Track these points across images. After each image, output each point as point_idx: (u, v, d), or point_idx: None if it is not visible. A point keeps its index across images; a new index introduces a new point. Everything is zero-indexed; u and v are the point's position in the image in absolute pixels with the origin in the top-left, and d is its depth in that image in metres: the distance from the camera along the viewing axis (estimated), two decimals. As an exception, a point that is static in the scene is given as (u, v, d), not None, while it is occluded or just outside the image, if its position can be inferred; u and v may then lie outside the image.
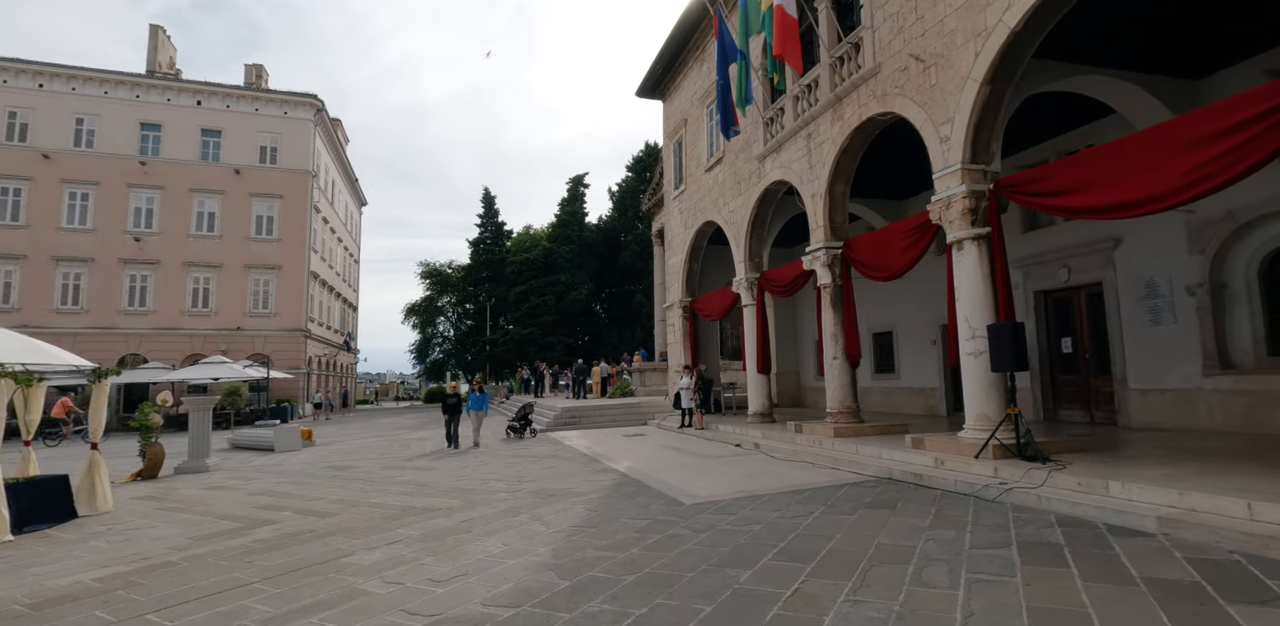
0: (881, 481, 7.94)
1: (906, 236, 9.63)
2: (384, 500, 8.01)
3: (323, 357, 35.55)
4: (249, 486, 9.64)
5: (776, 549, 5.11)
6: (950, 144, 8.47)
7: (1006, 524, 5.56)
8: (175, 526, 6.89)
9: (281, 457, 13.63)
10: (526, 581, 4.52)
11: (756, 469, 9.42)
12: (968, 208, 8.19)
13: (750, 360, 14.40)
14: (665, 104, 20.22)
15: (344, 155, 39.34)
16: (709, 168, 16.39)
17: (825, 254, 11.25)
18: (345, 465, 11.81)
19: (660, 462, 10.58)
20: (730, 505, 6.93)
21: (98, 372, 7.79)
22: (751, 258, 14.47)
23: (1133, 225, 10.61)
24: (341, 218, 39.90)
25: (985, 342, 8.05)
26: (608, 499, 7.59)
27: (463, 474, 10.17)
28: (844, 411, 11.04)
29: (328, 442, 16.63)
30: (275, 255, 29.99)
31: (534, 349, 40.58)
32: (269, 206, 30.14)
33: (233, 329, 28.98)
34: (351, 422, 26.40)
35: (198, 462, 11.52)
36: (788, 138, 12.45)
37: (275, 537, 6.16)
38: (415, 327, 50.89)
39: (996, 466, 7.05)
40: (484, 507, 7.29)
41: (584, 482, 8.85)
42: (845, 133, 10.67)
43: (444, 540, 5.83)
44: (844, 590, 4.10)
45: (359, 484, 9.44)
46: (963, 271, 8.35)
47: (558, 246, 43.89)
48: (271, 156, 30.58)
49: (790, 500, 7.07)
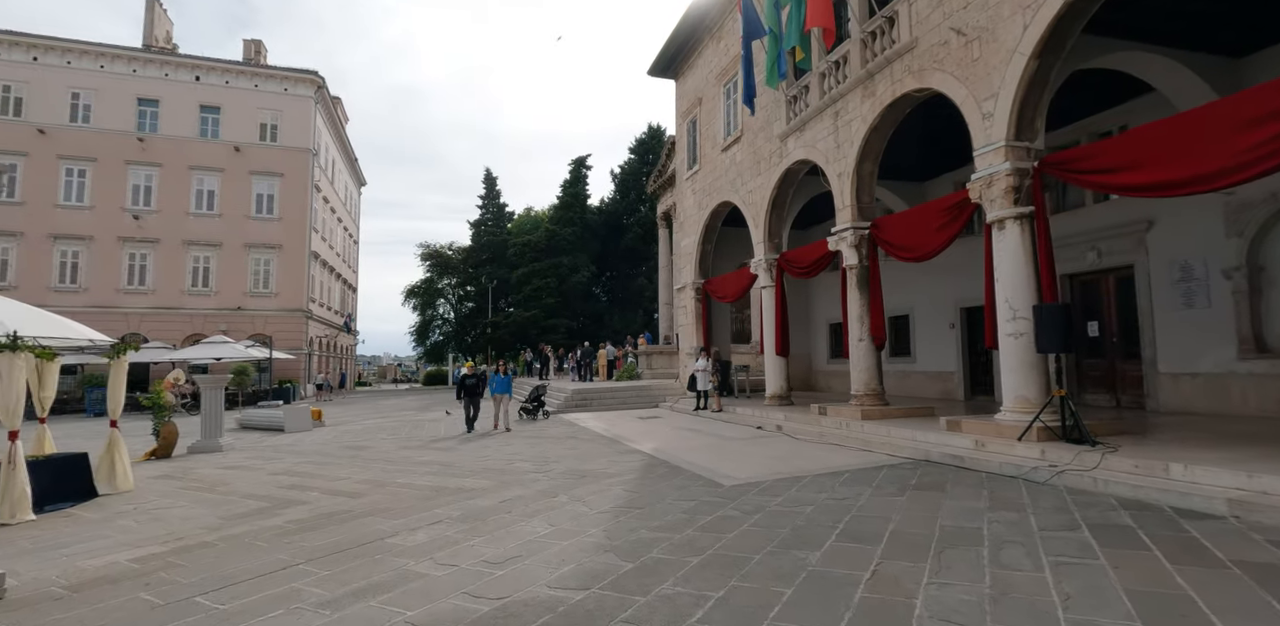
0: (919, 463, 7.82)
1: (941, 216, 9.41)
2: (411, 480, 7.84)
3: (323, 339, 35.26)
4: (268, 466, 9.46)
5: (837, 530, 4.96)
6: (994, 120, 8.23)
7: (1067, 506, 5.43)
8: (202, 506, 6.70)
9: (294, 438, 13.44)
10: (588, 563, 4.36)
11: (786, 451, 9.29)
12: (1011, 186, 7.97)
13: (769, 342, 14.23)
14: (678, 83, 19.81)
15: (344, 134, 38.68)
16: (725, 147, 16.07)
17: (853, 234, 11.02)
18: (361, 446, 11.63)
19: (684, 444, 10.45)
20: (772, 486, 6.79)
21: (116, 348, 7.55)
22: (771, 238, 14.23)
23: (1167, 208, 10.43)
24: (341, 197, 39.34)
25: (1026, 324, 7.90)
26: (643, 480, 7.44)
27: (485, 454, 10.01)
28: (869, 394, 10.91)
29: (337, 423, 16.45)
30: (276, 234, 29.54)
31: (536, 331, 40.38)
32: (269, 185, 29.61)
33: (233, 309, 28.62)
34: (355, 404, 26.22)
35: (211, 442, 11.33)
36: (813, 116, 12.15)
37: (310, 518, 5.98)
38: (415, 309, 50.57)
39: (1043, 449, 6.92)
40: (518, 488, 7.13)
41: (612, 463, 8.70)
42: (876, 110, 10.39)
43: (486, 521, 5.67)
44: (924, 572, 3.95)
45: (380, 464, 9.27)
46: (1004, 251, 8.15)
47: (560, 228, 43.47)
48: (271, 134, 29.97)
49: (832, 482, 6.93)
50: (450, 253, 49.68)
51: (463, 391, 13.83)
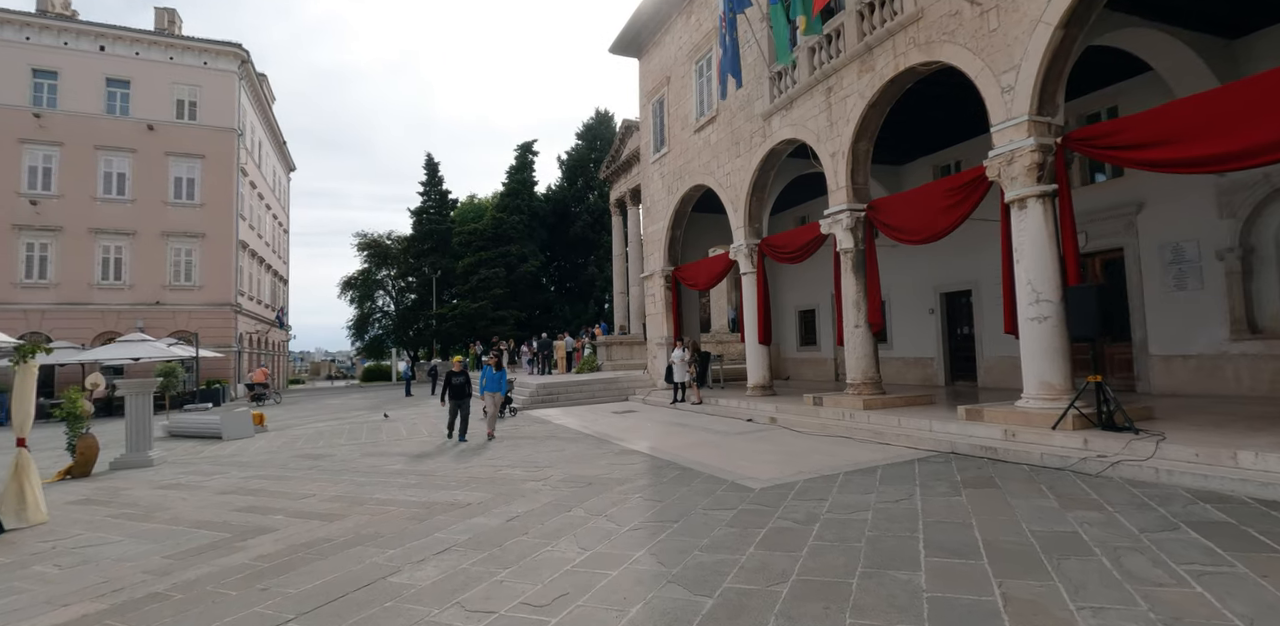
0: (948, 456, 7.39)
1: (949, 195, 9.00)
2: (392, 495, 6.84)
3: (254, 334, 32.78)
4: (212, 483, 8.20)
5: (920, 541, 4.37)
6: (1014, 94, 7.81)
7: (1143, 502, 5.03)
8: (140, 540, 5.53)
9: (235, 447, 12.01)
10: (658, 601, 3.59)
11: (793, 446, 8.74)
12: (1035, 162, 7.58)
13: (750, 331, 13.70)
14: (642, 61, 18.92)
15: (271, 114, 35.88)
16: (699, 128, 15.36)
17: (848, 217, 10.53)
18: (318, 454, 10.41)
19: (679, 441, 9.77)
20: (806, 488, 6.18)
21: (21, 350, 6.19)
22: (751, 223, 13.66)
23: (1158, 190, 10.38)
24: (269, 183, 36.57)
25: (1051, 307, 7.57)
26: (657, 486, 6.70)
27: (465, 461, 9.03)
28: (867, 382, 10.50)
29: (282, 427, 14.96)
30: (198, 222, 27.01)
31: (485, 323, 38.88)
32: (189, 167, 27.00)
33: (151, 303, 26.05)
34: (297, 404, 24.32)
35: (139, 456, 9.87)
36: (801, 93, 11.57)
37: (282, 551, 4.95)
38: (353, 302, 47.96)
39: (1085, 438, 6.56)
40: (521, 501, 6.26)
41: (612, 467, 7.92)
42: (876, 85, 9.88)
43: (503, 546, 4.80)
44: (1060, 593, 3.39)
45: (348, 476, 8.17)
46: (1025, 232, 7.77)
47: (507, 216, 41.90)
48: (190, 112, 27.31)
49: (868, 480, 6.38)
50: (389, 242, 47.26)
51: (447, 392, 11.25)
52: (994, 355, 13.23)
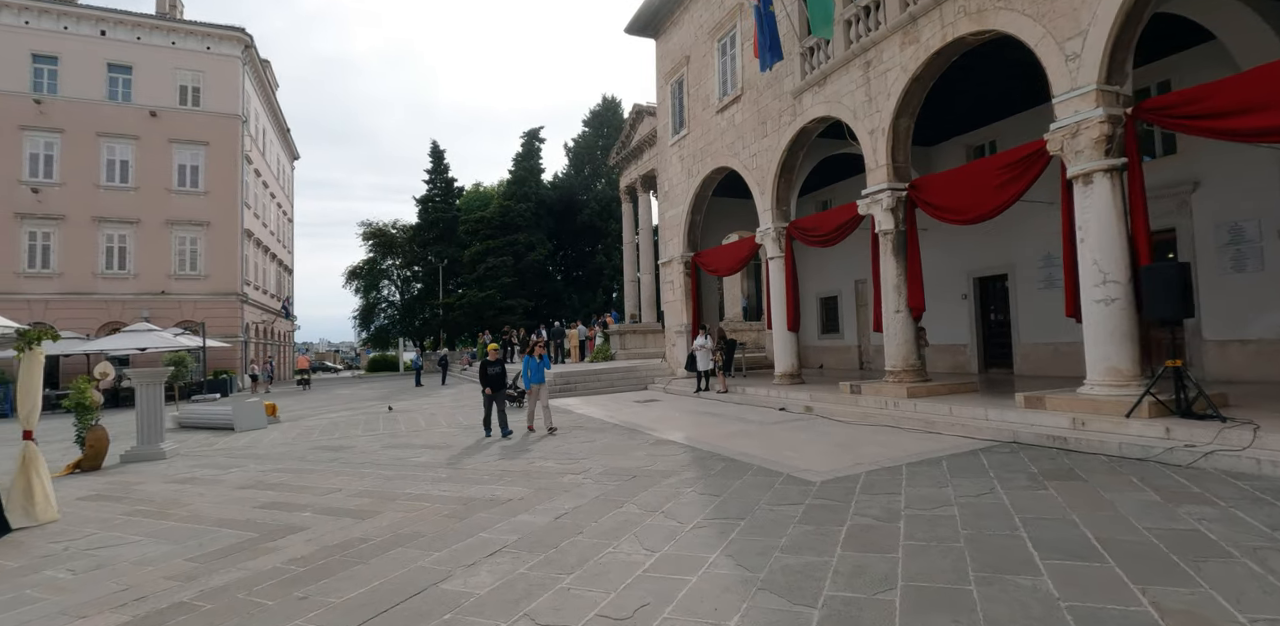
0: (1011, 446, 6.96)
1: (1003, 172, 8.50)
2: (424, 490, 6.43)
3: (260, 325, 32.40)
4: (229, 477, 7.80)
5: (1025, 541, 3.95)
6: (1081, 62, 7.29)
7: (1255, 495, 4.60)
8: (159, 540, 5.13)
9: (248, 438, 11.63)
10: (753, 612, 3.17)
11: (839, 436, 8.32)
12: (1104, 134, 7.09)
13: (778, 317, 13.25)
14: (659, 42, 18.32)
15: (275, 101, 35.25)
16: (722, 108, 14.81)
17: (889, 196, 10.04)
18: (337, 445, 10.01)
19: (715, 431, 9.36)
20: (871, 482, 5.76)
21: (26, 336, 5.76)
22: (779, 205, 13.16)
23: (1217, 167, 9.87)
24: (274, 171, 36.03)
25: (1120, 288, 7.11)
26: (706, 478, 6.28)
27: (495, 453, 8.63)
28: (908, 369, 10.06)
29: (295, 418, 14.58)
30: (202, 210, 26.53)
31: (493, 312, 38.44)
32: (193, 155, 26.48)
33: (156, 293, 25.64)
34: (307, 395, 23.98)
35: (151, 448, 9.49)
36: (836, 68, 11.03)
37: (317, 553, 4.55)
38: (357, 292, 47.56)
39: (1167, 427, 6.12)
40: (564, 496, 5.85)
41: (651, 458, 7.51)
42: (921, 58, 9.35)
43: (559, 547, 4.39)
44: (1218, 601, 2.97)
45: (372, 469, 7.77)
46: (1090, 209, 7.29)
47: (514, 203, 41.32)
48: (194, 98, 26.73)
49: (935, 472, 5.96)
50: (394, 231, 46.75)
51: (486, 383, 9.94)
52: (1031, 341, 12.77)
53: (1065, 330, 12.12)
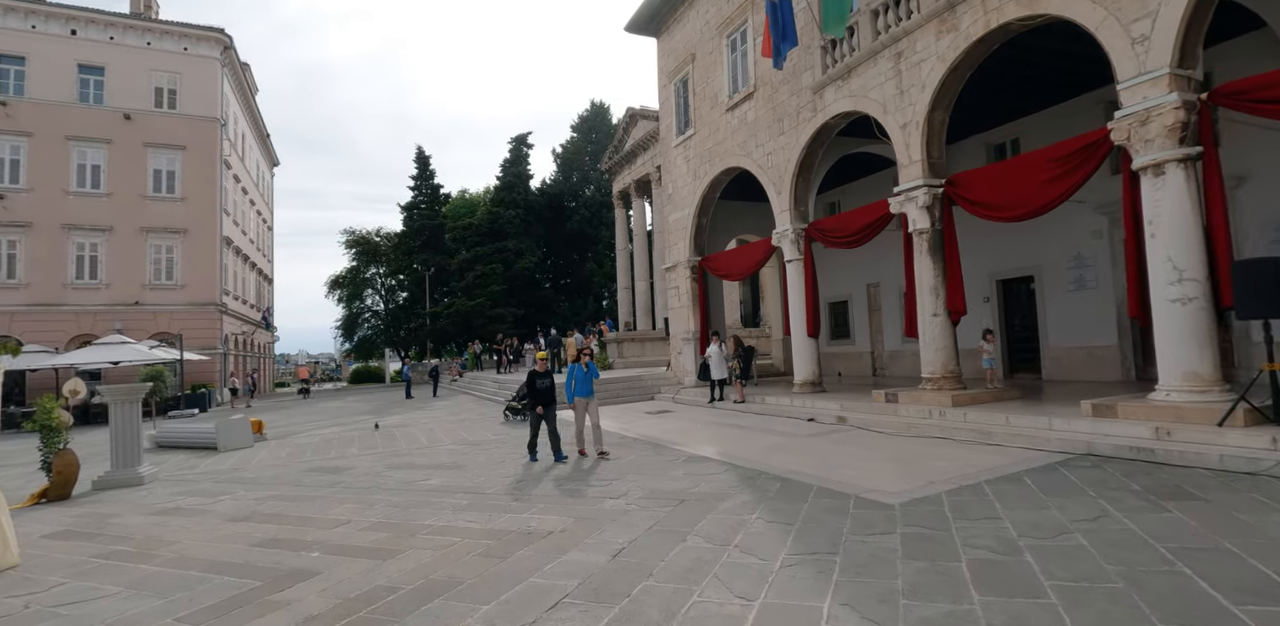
0: (1092, 458, 6.38)
1: (1055, 165, 7.98)
2: (446, 521, 5.66)
3: (240, 336, 31.20)
4: (219, 506, 6.94)
5: (1195, 579, 3.33)
6: (1149, 44, 6.80)
7: None
8: (142, 592, 4.31)
9: (234, 459, 10.71)
10: (929, 695, 2.48)
11: (888, 449, 7.70)
12: (1177, 122, 6.59)
13: (797, 323, 12.66)
14: (661, 40, 17.77)
15: (254, 105, 34.20)
16: (732, 105, 14.27)
17: (925, 194, 9.50)
18: (334, 467, 9.17)
19: (748, 445, 8.69)
20: (958, 504, 5.12)
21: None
22: (797, 206, 12.59)
23: (1262, 162, 9.49)
24: (253, 177, 34.92)
25: (1197, 287, 6.59)
26: (765, 503, 5.59)
27: (508, 471, 7.86)
28: (948, 376, 9.49)
29: (282, 435, 13.63)
30: (179, 217, 25.42)
31: (482, 321, 37.52)
32: (169, 159, 25.39)
33: (130, 304, 24.45)
34: (290, 409, 22.88)
35: (127, 473, 8.57)
36: (862, 60, 10.51)
37: (336, 609, 3.77)
38: (340, 302, 46.30)
39: (1275, 437, 5.55)
40: (612, 527, 5.12)
41: (692, 479, 6.81)
42: (960, 46, 8.85)
43: (631, 595, 3.67)
44: None
45: (381, 495, 6.96)
46: (1162, 202, 6.77)
47: (503, 210, 40.52)
48: (170, 100, 25.69)
49: (1022, 491, 5.35)
50: (378, 239, 45.65)
51: (534, 398, 8.45)
52: (1061, 345, 12.30)
53: (1099, 333, 11.69)
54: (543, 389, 8.43)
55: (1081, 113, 11.55)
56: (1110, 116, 11.26)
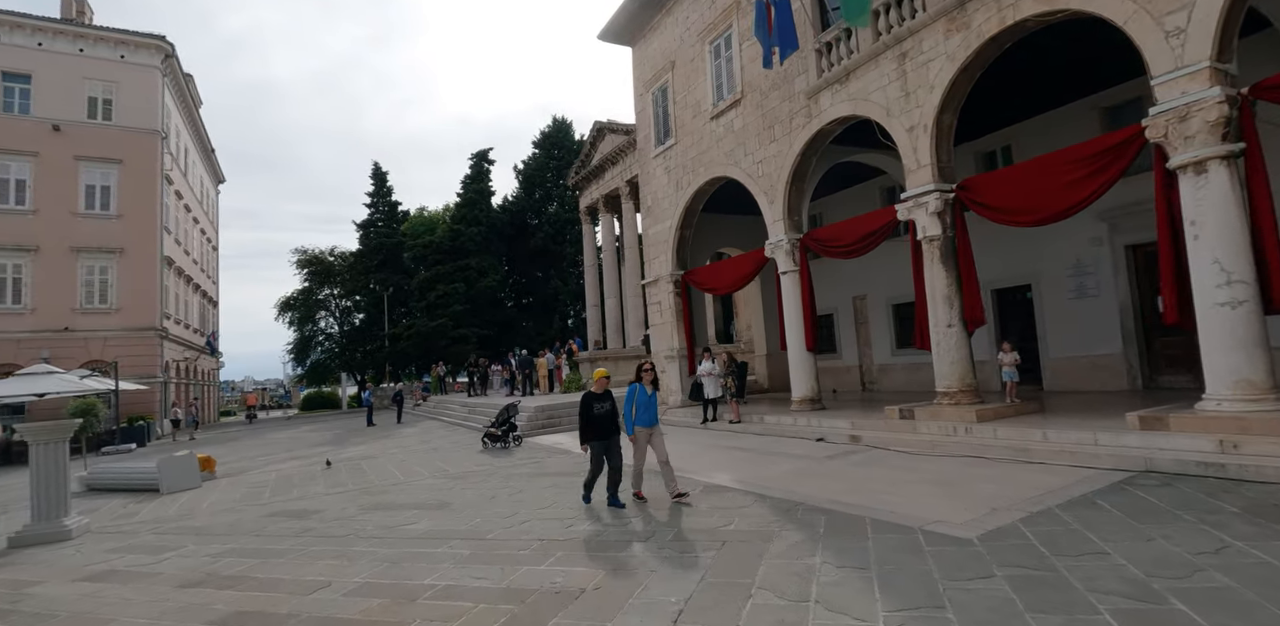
0: (1158, 476, 5.89)
1: (1079, 166, 7.64)
2: (450, 579, 4.74)
3: (182, 363, 29.09)
4: (165, 567, 5.83)
5: None
6: (1187, 37, 6.52)
7: None
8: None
9: (181, 503, 9.44)
10: None
11: (925, 470, 7.10)
12: (1220, 117, 6.28)
13: (794, 337, 12.09)
14: (637, 49, 17.30)
15: (198, 118, 32.42)
16: (717, 114, 13.81)
17: (936, 199, 9.09)
18: (300, 510, 8.06)
19: (765, 471, 8.01)
20: (1045, 535, 4.52)
21: None
22: (791, 215, 12.12)
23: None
24: (197, 195, 33.00)
25: (1246, 289, 6.25)
26: (820, 540, 4.88)
27: (514, 511, 6.95)
28: (965, 390, 9.01)
29: (235, 472, 12.29)
30: (115, 235, 23.57)
31: (445, 342, 36.10)
32: (103, 174, 23.60)
33: (59, 330, 22.41)
34: (238, 441, 21.16)
35: (51, 527, 7.31)
36: (862, 62, 10.15)
37: (336, 714, 2.86)
38: (291, 325, 44.08)
39: (1364, 451, 5.14)
40: (654, 580, 4.32)
41: (721, 513, 6.06)
42: (972, 45, 8.51)
43: (722, 682, 2.88)
44: None
45: (362, 546, 5.97)
46: (1205, 201, 6.44)
47: (465, 227, 39.36)
48: (105, 111, 23.96)
49: (1107, 518, 4.80)
50: (332, 259, 43.80)
51: (591, 428, 6.86)
52: (1061, 355, 12.06)
53: (1102, 341, 11.47)
54: (601, 415, 6.80)
55: (1076, 118, 11.45)
56: (1108, 122, 11.40)
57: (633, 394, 6.80)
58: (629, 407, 6.76)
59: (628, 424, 6.75)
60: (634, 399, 6.78)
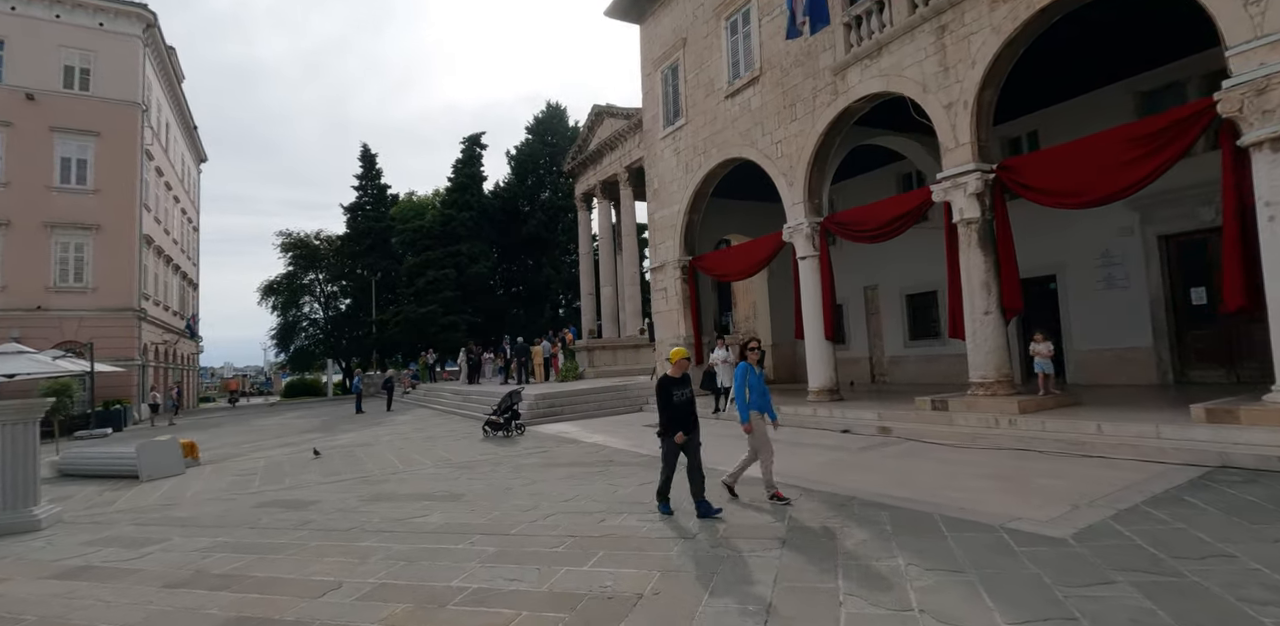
0: (1236, 471, 5.55)
1: (1138, 144, 7.21)
2: (480, 580, 4.19)
3: (161, 346, 28.09)
4: (147, 564, 5.21)
5: None
6: (1267, 5, 6.08)
7: None
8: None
9: (163, 490, 8.78)
10: None
11: (979, 464, 6.69)
12: (1305, 88, 5.83)
13: (812, 325, 11.62)
14: (645, 26, 16.65)
15: (180, 93, 31.18)
16: (733, 92, 13.24)
17: (976, 180, 8.62)
18: (295, 500, 7.45)
19: (798, 462, 7.67)
20: (1145, 534, 4.09)
21: None
22: (812, 198, 11.61)
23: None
24: (178, 171, 31.81)
25: (1326, 275, 5.82)
26: (890, 538, 4.42)
27: (534, 503, 6.40)
28: (1001, 380, 8.61)
29: (220, 459, 11.60)
30: (92, 211, 22.53)
31: (434, 329, 35.29)
32: (80, 147, 22.52)
33: (31, 308, 21.39)
34: (221, 426, 20.35)
35: (19, 516, 6.64)
36: (896, 36, 9.64)
37: None
38: (275, 310, 42.95)
39: None
40: (718, 582, 3.81)
41: (764, 507, 5.56)
42: (1020, 16, 8.03)
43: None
44: None
45: (370, 540, 5.39)
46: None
47: (456, 212, 38.47)
48: (82, 81, 22.83)
49: (1203, 516, 4.42)
50: (318, 242, 42.68)
51: (671, 420, 5.61)
52: (1087, 348, 11.72)
53: (1131, 334, 11.13)
54: (682, 403, 5.57)
55: (1111, 103, 11.04)
56: (1144, 107, 11.00)
57: (744, 374, 5.91)
58: (740, 390, 5.91)
59: (741, 409, 5.86)
60: (745, 380, 5.88)
